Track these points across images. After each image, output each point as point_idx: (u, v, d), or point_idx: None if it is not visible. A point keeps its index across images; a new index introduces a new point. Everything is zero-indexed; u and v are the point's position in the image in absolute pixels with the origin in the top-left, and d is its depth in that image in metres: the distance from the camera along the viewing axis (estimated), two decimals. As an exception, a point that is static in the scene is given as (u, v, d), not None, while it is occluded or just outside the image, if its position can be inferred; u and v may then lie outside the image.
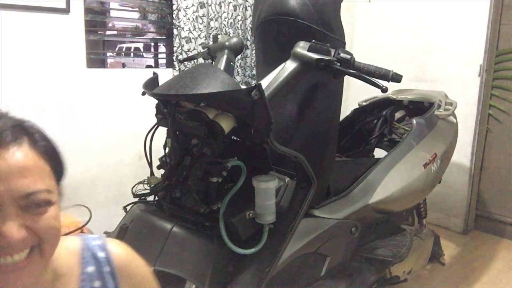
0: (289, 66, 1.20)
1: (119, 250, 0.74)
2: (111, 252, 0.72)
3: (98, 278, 0.69)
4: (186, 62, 2.41)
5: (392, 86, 1.30)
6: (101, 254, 0.70)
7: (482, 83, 2.55)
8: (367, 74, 1.19)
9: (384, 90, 1.16)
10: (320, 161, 1.39)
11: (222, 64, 1.50)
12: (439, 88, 2.21)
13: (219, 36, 1.60)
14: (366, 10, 3.07)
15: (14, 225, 0.54)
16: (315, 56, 1.18)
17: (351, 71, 1.18)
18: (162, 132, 1.25)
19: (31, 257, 0.57)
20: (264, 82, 1.18)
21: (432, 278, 2.18)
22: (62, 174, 0.65)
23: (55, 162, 0.63)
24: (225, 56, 1.51)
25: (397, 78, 1.20)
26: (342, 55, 1.18)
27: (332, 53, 1.19)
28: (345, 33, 1.43)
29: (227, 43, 1.54)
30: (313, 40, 1.21)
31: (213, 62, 1.62)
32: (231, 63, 1.51)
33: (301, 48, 1.20)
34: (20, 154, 0.57)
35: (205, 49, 1.64)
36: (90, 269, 0.69)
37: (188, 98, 1.11)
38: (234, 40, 1.55)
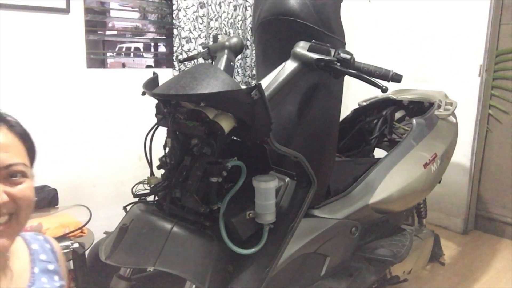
0: (289, 66, 1.20)
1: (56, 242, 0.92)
2: (46, 236, 0.91)
3: (42, 252, 0.85)
4: (186, 62, 2.41)
5: (392, 86, 1.30)
6: (39, 237, 0.89)
7: (482, 83, 2.55)
8: (367, 74, 1.19)
9: (384, 90, 1.17)
10: (320, 161, 1.39)
11: (222, 64, 1.50)
12: (439, 88, 2.21)
13: (219, 36, 1.60)
14: (366, 10, 3.07)
15: None
16: (315, 56, 1.18)
17: (351, 71, 1.18)
18: (162, 132, 1.25)
19: (9, 223, 0.70)
20: (264, 82, 1.18)
21: (432, 278, 2.18)
22: (34, 155, 0.79)
23: (28, 145, 0.77)
24: (225, 56, 1.51)
25: (397, 78, 1.20)
26: (342, 55, 1.18)
27: (332, 53, 1.19)
28: (345, 33, 1.43)
29: (227, 43, 1.54)
30: (313, 40, 1.21)
31: (213, 62, 1.62)
32: (231, 63, 1.51)
33: (301, 48, 1.20)
34: (1, 134, 0.70)
35: (205, 49, 1.64)
36: (34, 246, 0.85)
37: (188, 98, 1.11)
38: (234, 40, 1.55)
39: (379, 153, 2.00)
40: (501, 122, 2.64)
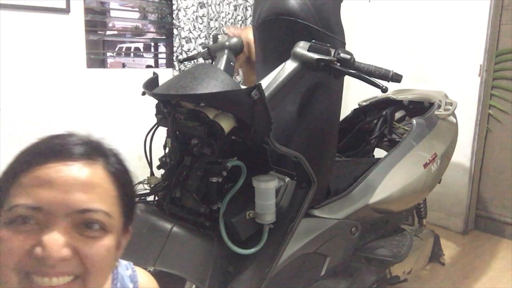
0: (289, 66, 1.20)
1: (146, 280, 0.76)
2: (139, 284, 0.73)
3: None
4: (186, 62, 2.42)
5: (392, 86, 1.30)
6: (130, 286, 0.71)
7: (482, 83, 2.55)
8: (367, 74, 1.19)
9: (384, 90, 1.16)
10: (320, 161, 1.39)
11: (222, 64, 1.50)
12: (439, 88, 2.21)
13: (219, 36, 1.60)
14: (366, 10, 3.07)
15: (59, 240, 0.50)
16: (315, 56, 1.18)
17: (351, 71, 1.18)
18: (162, 132, 1.25)
19: (72, 286, 0.51)
20: (264, 82, 1.18)
21: (432, 278, 2.18)
22: (129, 208, 0.61)
23: (124, 191, 0.59)
24: (225, 56, 1.51)
25: (397, 78, 1.20)
26: (342, 55, 1.18)
27: (332, 53, 1.19)
28: (345, 33, 1.43)
29: (227, 43, 1.54)
30: (313, 40, 1.21)
31: (213, 62, 1.62)
32: (231, 63, 1.51)
33: (301, 48, 1.20)
34: (88, 169, 0.54)
35: (205, 49, 1.64)
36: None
37: (188, 98, 1.11)
38: (234, 40, 1.55)
39: (379, 153, 2.00)
40: (501, 122, 2.64)
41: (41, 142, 0.57)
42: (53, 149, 0.54)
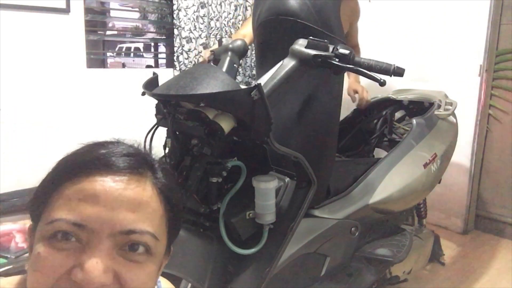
0: (287, 63, 1.19)
1: None
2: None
3: None
4: (186, 62, 2.42)
5: (393, 85, 1.29)
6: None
7: (482, 83, 2.55)
8: (368, 68, 1.16)
9: (382, 83, 1.14)
10: (320, 161, 1.39)
11: (224, 66, 1.50)
12: (439, 88, 2.21)
13: (223, 39, 1.60)
14: (366, 10, 3.06)
15: (101, 264, 0.46)
16: (312, 52, 1.17)
17: (350, 66, 1.17)
18: (162, 132, 1.25)
19: None
20: (262, 80, 1.18)
21: (432, 278, 2.18)
22: (175, 228, 0.57)
23: (171, 211, 0.54)
24: (228, 58, 1.51)
25: (399, 71, 1.17)
26: (340, 50, 1.17)
27: (330, 49, 1.18)
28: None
29: (230, 45, 1.54)
30: (310, 37, 1.20)
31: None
32: (234, 65, 1.51)
33: (299, 45, 1.20)
34: (136, 185, 0.50)
35: (211, 55, 1.64)
36: None
37: (188, 98, 1.11)
38: (238, 42, 1.55)
39: (379, 153, 2.00)
40: (501, 122, 2.64)
41: (86, 151, 0.53)
42: (99, 159, 0.50)
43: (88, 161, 0.50)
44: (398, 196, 1.63)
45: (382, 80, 1.14)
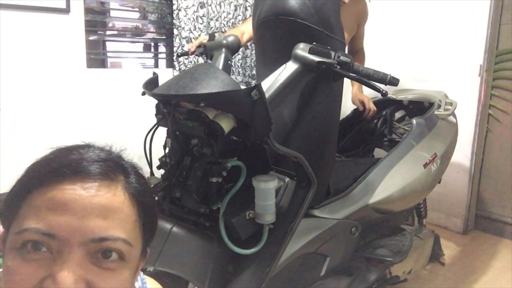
0: (290, 67, 1.20)
1: None
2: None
3: None
4: (186, 62, 2.42)
5: (389, 87, 1.30)
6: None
7: (482, 83, 2.55)
8: (366, 77, 1.20)
9: (385, 94, 1.18)
10: (320, 161, 1.39)
11: (220, 64, 1.50)
12: (439, 88, 2.21)
13: (216, 34, 1.60)
14: (366, 10, 3.06)
15: (72, 275, 0.45)
16: (316, 58, 1.18)
17: (351, 74, 1.19)
18: (162, 132, 1.25)
19: None
20: (265, 84, 1.18)
21: (432, 278, 2.18)
22: (150, 231, 0.56)
23: (145, 214, 0.53)
24: (222, 55, 1.51)
25: (394, 81, 1.21)
26: (342, 58, 1.18)
27: (333, 56, 1.19)
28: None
29: (224, 41, 1.54)
30: (314, 43, 1.21)
31: (209, 60, 1.62)
32: (229, 61, 1.51)
33: (302, 50, 1.20)
34: (107, 191, 0.49)
35: (201, 47, 1.64)
36: None
37: (187, 98, 1.11)
38: (231, 38, 1.55)
39: (379, 153, 2.00)
40: (501, 122, 2.64)
41: (55, 156, 0.52)
42: (69, 166, 0.49)
43: (57, 168, 0.49)
44: (398, 196, 1.63)
45: (384, 91, 1.18)
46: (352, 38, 2.11)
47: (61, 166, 0.49)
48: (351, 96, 2.10)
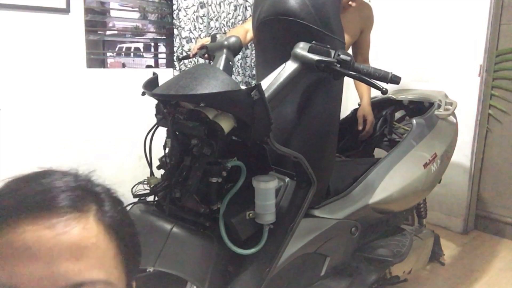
0: (290, 67, 1.20)
1: None
2: None
3: None
4: (186, 62, 2.42)
5: (392, 86, 1.30)
6: None
7: (482, 83, 2.55)
8: (366, 75, 1.19)
9: (385, 92, 1.17)
10: (320, 161, 1.39)
11: (221, 64, 1.50)
12: (439, 88, 2.21)
13: (218, 36, 1.60)
14: (366, 10, 3.06)
15: None
16: (315, 57, 1.18)
17: (351, 72, 1.18)
18: (162, 132, 1.25)
19: None
20: (265, 83, 1.18)
21: (432, 278, 2.18)
22: (134, 263, 0.47)
23: (126, 246, 0.45)
24: (224, 56, 1.51)
25: (395, 79, 1.20)
26: (342, 56, 1.18)
27: (332, 55, 1.19)
28: (345, 33, 1.43)
29: (225, 42, 1.54)
30: (314, 42, 1.21)
31: (211, 62, 1.61)
32: (230, 62, 1.51)
33: (301, 49, 1.20)
34: (78, 226, 0.40)
35: (203, 49, 1.64)
36: None
37: (187, 98, 1.11)
38: (233, 39, 1.55)
39: (379, 153, 2.00)
40: (501, 122, 2.64)
41: (11, 191, 0.42)
42: (30, 201, 0.40)
43: (17, 205, 0.40)
44: (398, 196, 1.63)
45: (384, 89, 1.17)
46: (356, 47, 2.10)
47: (21, 202, 0.41)
48: (360, 107, 2.07)
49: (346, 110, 2.22)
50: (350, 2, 1.82)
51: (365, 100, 2.06)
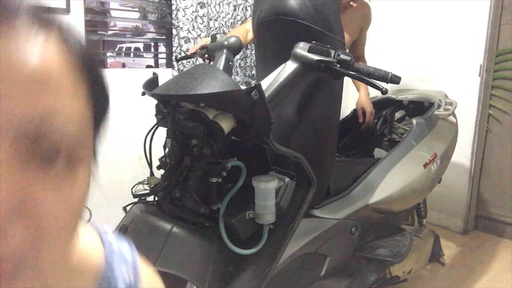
0: (290, 67, 1.20)
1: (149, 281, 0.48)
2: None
3: None
4: (185, 62, 2.42)
5: (392, 86, 1.30)
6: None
7: (482, 83, 2.55)
8: (366, 75, 1.19)
9: (385, 92, 1.17)
10: (320, 161, 1.39)
11: (221, 64, 1.50)
12: (439, 88, 2.21)
13: (218, 36, 1.60)
14: (366, 10, 3.06)
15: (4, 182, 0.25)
16: (315, 57, 1.18)
17: (351, 72, 1.18)
18: (162, 132, 1.25)
19: (20, 269, 0.26)
20: (264, 83, 1.18)
21: (432, 278, 2.18)
22: (104, 111, 0.37)
23: (94, 81, 0.36)
24: (224, 56, 1.51)
25: (395, 79, 1.20)
26: (342, 56, 1.18)
27: (332, 54, 1.19)
28: (345, 33, 1.43)
29: (225, 42, 1.54)
30: (313, 41, 1.21)
31: (211, 62, 1.62)
32: (230, 62, 1.51)
33: (301, 49, 1.20)
34: (41, 48, 0.27)
35: (203, 49, 1.64)
36: None
37: (187, 98, 1.11)
38: (233, 39, 1.55)
39: (379, 153, 2.00)
40: (501, 122, 2.64)
41: None
42: None
43: None
44: (398, 196, 1.63)
45: (384, 89, 1.17)
46: (353, 44, 2.11)
47: None
48: (357, 100, 2.09)
49: (346, 110, 2.22)
50: (351, 3, 1.82)
51: (363, 92, 2.07)
